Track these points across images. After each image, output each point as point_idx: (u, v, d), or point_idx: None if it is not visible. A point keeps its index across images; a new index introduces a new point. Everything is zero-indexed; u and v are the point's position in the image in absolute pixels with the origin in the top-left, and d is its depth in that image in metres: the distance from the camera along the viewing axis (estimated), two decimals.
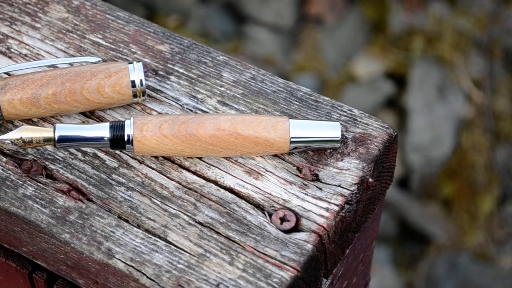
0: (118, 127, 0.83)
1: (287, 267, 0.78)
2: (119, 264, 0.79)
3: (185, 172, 0.84)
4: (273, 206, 0.82)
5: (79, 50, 0.93)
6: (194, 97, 0.89)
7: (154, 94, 0.89)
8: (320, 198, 0.82)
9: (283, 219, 0.81)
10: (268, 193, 0.83)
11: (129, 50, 0.93)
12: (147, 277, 0.78)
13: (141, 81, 0.87)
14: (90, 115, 0.88)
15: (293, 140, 0.83)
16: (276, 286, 0.77)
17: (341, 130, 0.84)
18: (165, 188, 0.83)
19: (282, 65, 2.61)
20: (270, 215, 0.81)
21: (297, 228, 0.80)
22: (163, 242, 0.80)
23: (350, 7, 2.69)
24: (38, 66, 0.89)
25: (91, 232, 0.81)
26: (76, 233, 0.81)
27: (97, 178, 0.84)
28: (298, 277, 0.78)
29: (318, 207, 0.81)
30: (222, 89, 0.90)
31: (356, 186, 0.82)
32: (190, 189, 0.83)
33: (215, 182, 0.84)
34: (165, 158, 0.85)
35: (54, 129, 0.83)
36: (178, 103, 0.89)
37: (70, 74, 0.86)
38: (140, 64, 0.87)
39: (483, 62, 2.54)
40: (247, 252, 0.79)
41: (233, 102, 0.89)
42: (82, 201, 0.83)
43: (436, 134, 2.47)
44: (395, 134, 0.86)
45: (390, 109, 2.54)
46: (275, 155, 0.85)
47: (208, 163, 0.85)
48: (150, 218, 0.81)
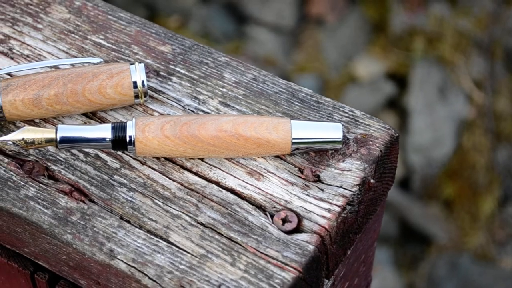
0: (120, 128, 0.83)
1: (289, 268, 0.78)
2: (121, 265, 0.79)
3: (187, 173, 0.84)
4: (274, 207, 0.82)
5: (81, 51, 0.93)
6: (196, 98, 0.89)
7: (155, 95, 0.89)
8: (321, 199, 0.82)
9: (285, 220, 0.81)
10: (269, 194, 0.83)
11: (130, 51, 0.93)
12: (149, 278, 0.78)
13: (142, 82, 0.87)
14: (92, 116, 0.89)
15: (294, 141, 0.83)
16: (277, 287, 0.77)
17: (342, 131, 0.84)
18: (167, 189, 0.84)
19: (283, 65, 2.62)
20: (272, 216, 0.81)
21: (298, 229, 0.81)
22: (165, 243, 0.80)
23: (351, 7, 2.69)
24: (40, 67, 0.89)
25: (93, 233, 0.81)
26: (78, 234, 0.81)
27: (99, 179, 0.84)
28: (300, 278, 0.78)
29: (320, 208, 0.81)
30: (224, 90, 0.90)
31: (357, 187, 0.82)
32: (192, 190, 0.83)
33: (217, 183, 0.84)
34: (167, 159, 0.85)
35: (56, 130, 0.83)
36: (179, 104, 0.89)
37: (72, 75, 0.86)
38: (142, 65, 0.87)
39: (484, 63, 2.54)
40: (249, 253, 0.79)
41: (234, 103, 0.89)
42: (84, 202, 0.83)
43: (437, 134, 2.47)
44: (397, 135, 0.86)
45: (391, 109, 2.54)
46: (277, 156, 0.85)
47: (210, 164, 0.85)
48: (152, 219, 0.82)
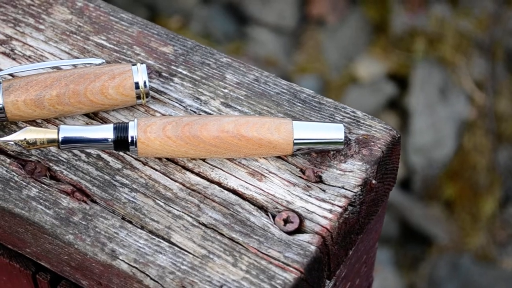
0: (122, 129, 0.83)
1: (291, 269, 0.78)
2: (123, 265, 0.79)
3: (188, 173, 0.85)
4: (276, 208, 0.82)
5: (83, 51, 0.93)
6: (198, 98, 0.89)
7: (157, 96, 0.90)
8: (323, 200, 0.82)
9: (287, 221, 0.81)
10: (271, 194, 0.83)
11: (132, 52, 0.93)
12: (151, 278, 0.78)
13: (144, 82, 0.87)
14: (94, 117, 0.89)
15: (296, 141, 0.83)
16: (279, 287, 0.77)
17: (344, 132, 0.84)
18: (168, 189, 0.84)
19: (284, 66, 2.62)
20: (274, 217, 0.81)
21: (300, 229, 0.81)
22: (167, 243, 0.80)
23: (351, 8, 2.69)
24: (42, 67, 0.89)
25: (95, 233, 0.81)
26: (80, 234, 0.81)
27: (100, 179, 0.84)
28: (302, 278, 0.78)
29: (322, 209, 0.81)
30: (226, 90, 0.90)
31: (359, 188, 0.82)
32: (193, 190, 0.83)
33: (219, 184, 0.84)
34: (168, 159, 0.86)
35: (58, 130, 0.83)
36: (181, 105, 0.89)
37: (74, 76, 0.86)
38: (143, 65, 0.87)
39: (485, 64, 2.54)
40: (251, 253, 0.79)
41: (236, 104, 0.89)
42: (86, 202, 0.83)
43: (438, 135, 2.47)
44: (398, 136, 0.86)
45: (392, 110, 2.55)
46: (279, 157, 0.85)
47: (211, 165, 0.85)
48: (153, 220, 0.82)
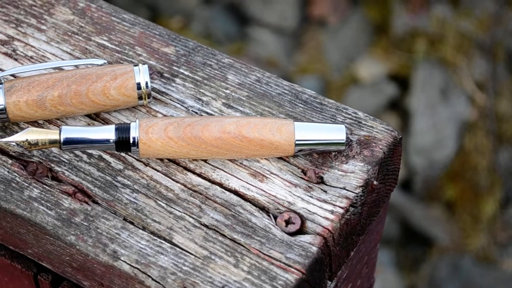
0: (123, 130, 0.83)
1: (292, 270, 0.78)
2: (125, 266, 0.79)
3: (190, 174, 0.85)
4: (278, 209, 0.82)
5: (85, 52, 0.93)
6: (199, 99, 0.89)
7: (159, 97, 0.90)
8: (325, 201, 0.82)
9: (288, 222, 0.81)
10: (273, 195, 0.83)
11: (134, 53, 0.93)
12: (153, 279, 0.78)
13: (146, 83, 0.87)
14: (96, 117, 0.89)
15: (298, 142, 0.83)
16: None
17: (346, 132, 0.84)
18: (170, 190, 0.84)
19: (285, 66, 2.62)
20: (275, 218, 0.81)
21: (302, 230, 0.81)
22: (168, 244, 0.80)
23: (353, 9, 2.69)
24: (44, 68, 0.89)
25: (97, 234, 0.81)
26: (81, 235, 0.81)
27: (102, 180, 0.84)
28: (303, 279, 0.78)
29: (323, 210, 0.81)
30: (227, 91, 0.90)
31: (361, 189, 0.82)
32: (195, 191, 0.83)
33: (220, 185, 0.84)
34: (170, 160, 0.86)
35: (60, 131, 0.83)
36: (183, 106, 0.89)
37: (76, 76, 0.86)
38: (145, 66, 0.87)
39: (486, 64, 2.54)
40: (252, 254, 0.79)
41: (238, 105, 0.89)
42: (87, 203, 0.83)
43: (439, 136, 2.47)
44: (400, 137, 0.86)
45: (393, 111, 2.55)
46: (280, 158, 0.85)
47: (213, 166, 0.85)
48: (155, 220, 0.82)
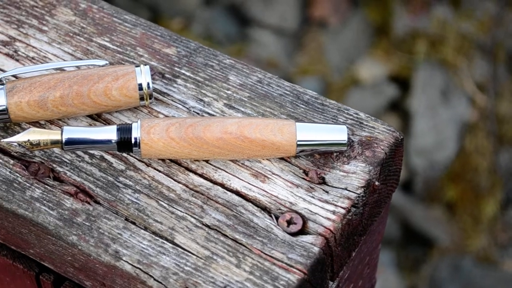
0: (125, 130, 0.83)
1: (294, 270, 0.78)
2: (126, 266, 0.79)
3: (192, 175, 0.85)
4: (279, 209, 0.82)
5: (86, 53, 0.93)
6: (201, 100, 0.89)
7: (161, 97, 0.90)
8: (326, 201, 0.82)
9: (290, 222, 0.81)
10: (274, 196, 0.83)
11: (136, 53, 0.93)
12: (154, 279, 0.78)
13: (148, 84, 0.87)
14: (97, 118, 0.89)
15: (299, 143, 0.83)
16: None
17: (347, 133, 0.84)
18: (172, 190, 0.84)
19: (285, 68, 2.62)
20: (277, 218, 0.82)
21: (303, 231, 0.81)
22: (170, 245, 0.80)
23: (353, 10, 2.70)
24: (46, 69, 0.89)
25: (98, 234, 0.81)
26: (83, 235, 0.81)
27: (104, 180, 0.85)
28: (305, 279, 0.78)
29: (325, 210, 0.81)
30: (229, 92, 0.90)
31: (362, 189, 0.82)
32: (197, 191, 0.84)
33: (222, 185, 0.84)
34: (172, 160, 0.86)
35: (62, 131, 0.83)
36: (184, 106, 0.89)
37: (78, 77, 0.87)
38: (147, 67, 0.87)
39: (487, 66, 2.54)
40: (254, 254, 0.79)
41: (239, 105, 0.89)
42: (89, 203, 0.83)
43: (439, 137, 2.48)
44: (401, 137, 0.86)
45: (394, 112, 2.55)
46: (282, 158, 0.85)
47: (215, 166, 0.85)
48: (157, 221, 0.82)
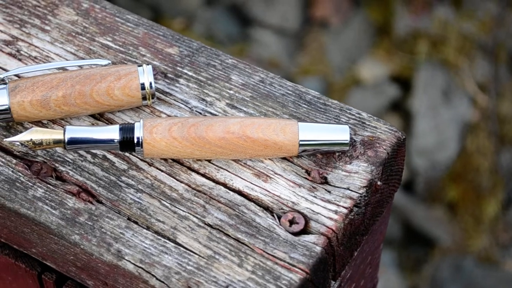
0: (127, 129, 0.83)
1: (296, 269, 0.78)
2: (129, 265, 0.80)
3: (194, 174, 0.85)
4: (282, 209, 0.82)
5: (89, 52, 0.93)
6: (203, 100, 0.90)
7: (163, 97, 0.90)
8: (329, 201, 0.82)
9: (292, 222, 0.81)
10: (277, 195, 0.83)
11: (138, 53, 0.93)
12: (157, 278, 0.79)
13: (150, 83, 0.87)
14: (100, 118, 0.89)
15: (302, 143, 0.84)
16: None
17: (349, 133, 0.85)
18: (174, 190, 0.84)
19: (287, 68, 2.62)
20: (279, 218, 0.82)
21: (306, 230, 0.81)
22: (173, 244, 0.80)
23: (355, 10, 2.70)
24: (48, 68, 0.89)
25: (101, 233, 0.81)
26: (85, 234, 0.81)
27: (106, 180, 0.85)
28: (307, 279, 0.78)
29: (327, 210, 0.82)
30: (231, 92, 0.90)
31: (364, 189, 0.83)
32: (199, 191, 0.84)
33: (224, 185, 0.84)
34: (174, 160, 0.86)
35: (64, 131, 0.83)
36: (187, 106, 0.89)
37: (80, 77, 0.87)
38: (149, 66, 0.87)
39: (488, 66, 2.54)
40: (256, 254, 0.79)
41: (242, 105, 0.89)
42: (91, 203, 0.83)
43: (441, 137, 2.48)
44: (404, 137, 0.86)
45: (395, 112, 2.55)
46: (284, 158, 0.85)
47: (217, 166, 0.85)
48: (159, 220, 0.82)
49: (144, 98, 0.87)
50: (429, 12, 2.62)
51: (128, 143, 0.83)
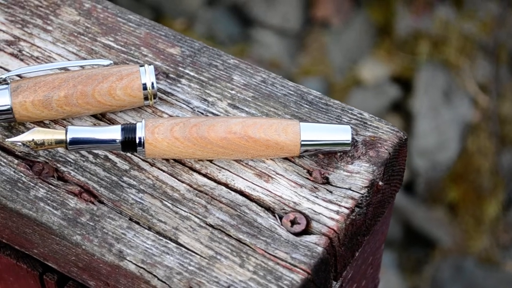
0: (129, 130, 0.83)
1: (298, 270, 0.78)
2: (130, 266, 0.80)
3: (196, 174, 0.85)
4: (283, 209, 0.82)
5: (91, 53, 0.93)
6: (205, 100, 0.90)
7: (165, 97, 0.90)
8: (330, 201, 0.82)
9: (294, 222, 0.81)
10: (278, 196, 0.83)
11: (140, 53, 0.93)
12: (158, 279, 0.79)
13: (152, 84, 0.87)
14: (101, 118, 0.89)
15: (303, 143, 0.84)
16: None
17: (351, 133, 0.85)
18: (176, 190, 0.84)
19: (288, 68, 2.62)
20: (281, 218, 0.82)
21: (307, 230, 0.81)
22: (174, 244, 0.80)
23: (356, 11, 2.70)
24: (50, 68, 0.89)
25: (102, 234, 0.81)
26: (87, 235, 0.81)
27: (108, 180, 0.85)
28: (309, 279, 0.78)
29: (329, 210, 0.82)
30: (233, 92, 0.90)
31: (366, 189, 0.83)
32: (201, 191, 0.84)
33: (226, 185, 0.84)
34: (176, 160, 0.86)
35: (66, 131, 0.83)
36: (189, 106, 0.89)
37: (82, 77, 0.87)
38: (151, 67, 0.87)
39: (489, 66, 2.54)
40: (258, 254, 0.79)
41: (243, 105, 0.89)
42: (93, 203, 0.83)
43: (441, 138, 2.48)
44: (405, 137, 0.86)
45: (396, 113, 2.55)
46: (286, 158, 0.85)
47: (219, 166, 0.85)
48: (161, 220, 0.82)
49: (146, 98, 0.87)
50: (430, 12, 2.62)
51: (130, 143, 0.83)
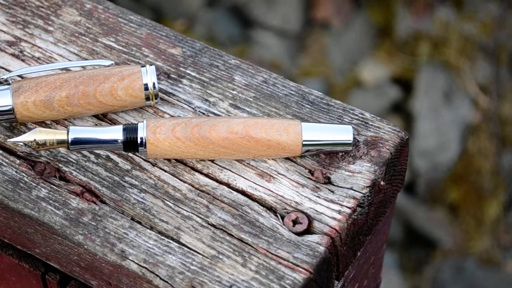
0: (131, 130, 0.83)
1: (300, 269, 0.78)
2: (132, 265, 0.80)
3: (197, 174, 0.85)
4: (285, 209, 0.82)
5: (92, 53, 0.93)
6: (206, 100, 0.90)
7: (166, 97, 0.90)
8: (332, 201, 0.82)
9: (296, 222, 0.81)
10: (280, 195, 0.83)
11: (141, 54, 0.93)
12: (161, 278, 0.79)
13: (153, 84, 0.87)
14: (103, 118, 0.89)
15: (305, 143, 0.84)
16: (288, 287, 0.77)
17: (353, 133, 0.85)
18: (177, 190, 0.84)
19: (288, 69, 2.62)
20: (283, 218, 0.82)
21: (309, 230, 0.81)
22: (176, 244, 0.80)
23: (356, 12, 2.70)
24: (51, 69, 0.90)
25: (105, 233, 0.81)
26: (89, 234, 0.81)
27: (110, 180, 0.85)
28: (311, 279, 0.78)
29: (330, 210, 0.82)
30: (234, 92, 0.90)
31: (368, 189, 0.83)
32: (202, 191, 0.84)
33: (228, 185, 0.84)
34: (177, 160, 0.86)
35: (68, 131, 0.83)
36: (190, 106, 0.89)
37: (83, 77, 0.87)
38: (152, 67, 0.87)
39: (490, 67, 2.54)
40: (260, 254, 0.79)
41: (245, 105, 0.89)
42: (95, 203, 0.83)
43: (442, 139, 2.48)
44: (407, 137, 0.87)
45: (397, 114, 2.55)
46: (287, 158, 0.85)
47: (220, 166, 0.85)
48: (163, 220, 0.82)
49: (147, 99, 0.87)
50: (430, 13, 2.62)
51: (131, 144, 0.83)
